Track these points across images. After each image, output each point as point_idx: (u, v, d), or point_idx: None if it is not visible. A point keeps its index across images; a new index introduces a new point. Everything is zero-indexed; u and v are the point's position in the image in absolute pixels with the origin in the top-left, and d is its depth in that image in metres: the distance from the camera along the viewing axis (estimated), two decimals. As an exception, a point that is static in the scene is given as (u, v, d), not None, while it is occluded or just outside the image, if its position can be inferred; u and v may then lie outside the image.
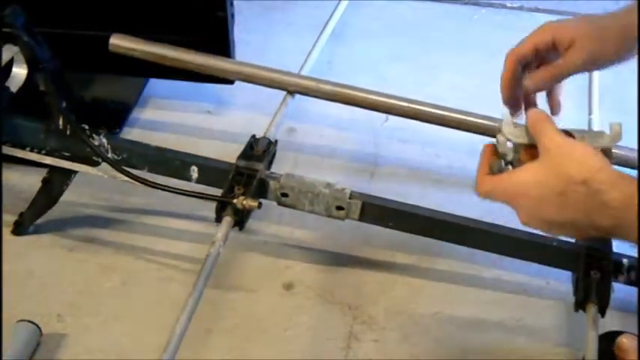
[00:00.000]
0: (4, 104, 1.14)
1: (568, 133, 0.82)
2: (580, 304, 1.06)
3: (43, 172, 1.22)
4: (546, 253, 1.12)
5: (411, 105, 1.31)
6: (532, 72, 0.92)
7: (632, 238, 0.75)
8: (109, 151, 1.18)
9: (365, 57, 1.72)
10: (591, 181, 0.74)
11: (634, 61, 0.94)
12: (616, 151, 1.25)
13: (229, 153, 1.21)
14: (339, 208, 1.12)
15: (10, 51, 1.13)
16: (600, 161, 0.76)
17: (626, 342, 0.97)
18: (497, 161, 0.83)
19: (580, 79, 1.55)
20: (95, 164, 1.18)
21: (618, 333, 1.00)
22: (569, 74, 0.91)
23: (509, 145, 0.83)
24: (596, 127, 1.37)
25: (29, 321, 1.05)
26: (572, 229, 0.79)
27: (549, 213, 0.77)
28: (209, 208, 1.11)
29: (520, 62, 0.92)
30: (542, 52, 0.91)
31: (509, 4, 1.92)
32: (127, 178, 1.14)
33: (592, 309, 1.04)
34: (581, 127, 0.87)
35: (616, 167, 1.29)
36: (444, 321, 1.15)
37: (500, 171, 0.83)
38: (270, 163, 1.19)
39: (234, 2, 1.39)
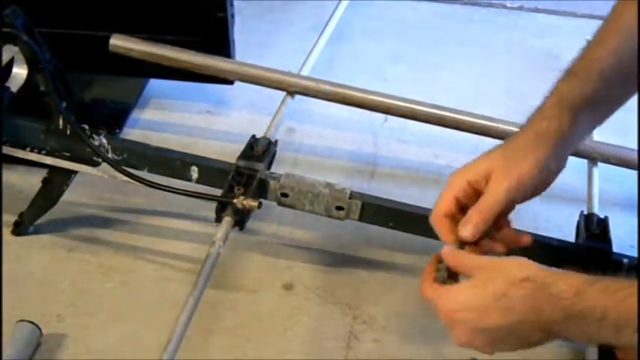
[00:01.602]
0: (4, 104, 1.14)
1: None
2: (580, 304, 1.05)
3: (43, 172, 1.22)
4: (546, 252, 1.12)
5: (410, 105, 1.31)
6: (463, 220, 0.84)
7: (579, 331, 0.72)
8: (109, 151, 1.18)
9: (365, 57, 1.72)
10: (535, 277, 0.73)
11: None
12: (616, 151, 1.27)
13: (229, 153, 1.21)
14: (339, 208, 1.12)
15: (10, 51, 1.13)
16: (530, 262, 0.75)
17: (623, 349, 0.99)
18: (441, 272, 0.82)
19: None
20: (95, 164, 1.18)
21: None
22: (500, 207, 0.82)
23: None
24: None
25: (29, 321, 1.05)
26: (516, 336, 0.75)
27: (492, 320, 0.74)
28: (209, 208, 1.11)
29: (447, 217, 0.85)
30: (465, 200, 0.84)
31: (509, 4, 1.93)
32: (127, 178, 1.14)
33: (592, 309, 1.04)
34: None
35: (616, 167, 1.30)
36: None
37: (444, 282, 0.82)
38: (270, 163, 1.19)
39: (234, 2, 1.39)
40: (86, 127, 1.18)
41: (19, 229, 1.24)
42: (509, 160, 0.83)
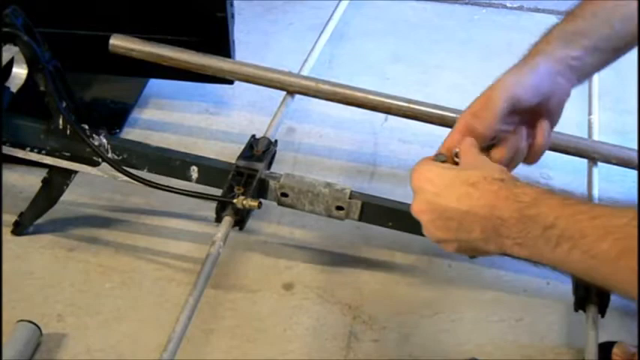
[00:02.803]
0: (4, 104, 1.14)
1: None
2: (580, 304, 1.06)
3: (43, 172, 1.22)
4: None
5: (410, 105, 1.31)
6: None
7: (521, 240, 0.74)
8: (109, 151, 1.18)
9: (365, 57, 1.72)
10: (509, 180, 0.77)
11: (634, 61, 0.94)
12: (616, 151, 1.27)
13: (229, 153, 1.21)
14: (339, 208, 1.12)
15: (10, 51, 1.13)
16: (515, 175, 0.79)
17: (618, 352, 1.00)
18: (439, 156, 0.86)
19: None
20: (95, 164, 1.18)
21: (613, 343, 1.02)
22: (500, 107, 0.87)
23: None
24: (596, 128, 1.38)
25: (29, 321, 1.05)
26: (461, 227, 0.78)
27: (449, 199, 0.78)
28: (209, 208, 1.12)
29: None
30: None
31: (509, 4, 1.93)
32: (127, 178, 1.14)
33: (592, 309, 1.04)
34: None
35: (616, 167, 1.30)
36: (444, 321, 1.15)
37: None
38: (270, 163, 1.19)
39: (234, 2, 1.39)
40: (86, 127, 1.18)
41: (19, 229, 1.24)
42: (503, 76, 0.88)
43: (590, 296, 1.04)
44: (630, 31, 0.90)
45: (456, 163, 0.84)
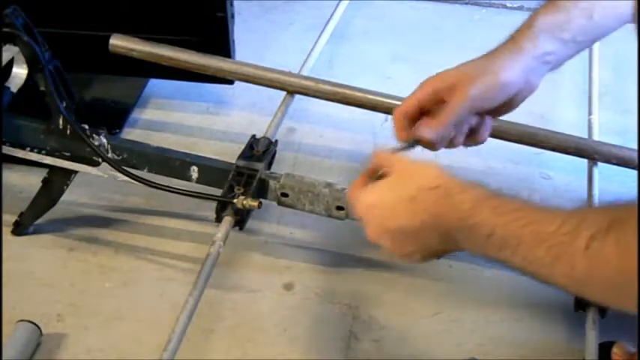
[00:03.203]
0: (4, 104, 1.14)
1: None
2: (580, 305, 1.06)
3: (43, 172, 1.22)
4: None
5: (411, 105, 1.31)
6: (420, 121, 0.92)
7: (470, 243, 0.77)
8: (109, 151, 1.18)
9: (365, 57, 1.72)
10: (444, 185, 0.78)
11: (634, 61, 0.94)
12: (616, 151, 1.27)
13: (229, 153, 1.21)
14: (339, 208, 1.12)
15: (10, 51, 1.13)
16: (448, 173, 0.80)
17: (618, 352, 1.00)
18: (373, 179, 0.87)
19: (580, 79, 1.57)
20: (95, 164, 1.18)
21: (613, 343, 1.02)
22: (457, 117, 0.90)
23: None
24: (596, 128, 1.38)
25: (29, 321, 1.05)
26: (419, 238, 0.80)
27: (399, 219, 0.80)
28: (209, 208, 1.12)
29: (406, 118, 0.93)
30: (428, 106, 0.92)
31: (509, 4, 1.93)
32: (127, 178, 1.15)
33: (592, 309, 1.04)
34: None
35: (616, 167, 1.30)
36: (444, 321, 1.15)
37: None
38: (270, 163, 1.19)
39: (234, 2, 1.39)
40: (86, 127, 1.18)
41: (19, 229, 1.24)
42: (479, 70, 0.89)
43: (590, 296, 1.04)
44: (609, 22, 0.90)
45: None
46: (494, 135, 1.26)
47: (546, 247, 0.70)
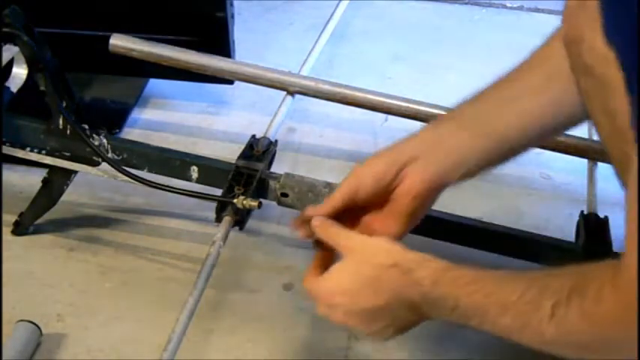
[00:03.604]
0: (4, 104, 1.14)
1: None
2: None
3: (43, 172, 1.22)
4: (545, 252, 1.12)
5: (410, 105, 1.31)
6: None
7: (438, 314, 0.78)
8: (109, 151, 1.18)
9: (365, 57, 1.72)
10: (401, 262, 0.78)
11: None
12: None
13: (229, 153, 1.21)
14: (339, 208, 1.12)
15: (10, 51, 1.13)
16: (403, 246, 0.80)
17: None
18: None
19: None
20: (95, 164, 1.18)
21: None
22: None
23: None
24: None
25: (29, 321, 1.05)
26: (388, 315, 0.80)
27: (366, 302, 0.80)
28: (209, 208, 1.11)
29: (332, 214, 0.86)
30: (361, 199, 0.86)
31: (509, 4, 1.93)
32: (127, 178, 1.14)
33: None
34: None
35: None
36: (444, 321, 1.14)
37: None
38: (270, 163, 1.19)
39: (234, 2, 1.39)
40: (86, 127, 1.18)
41: (19, 229, 1.23)
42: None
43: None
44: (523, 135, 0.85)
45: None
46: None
47: (512, 316, 0.71)
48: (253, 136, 1.21)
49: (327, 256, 0.86)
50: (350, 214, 0.87)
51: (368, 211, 0.87)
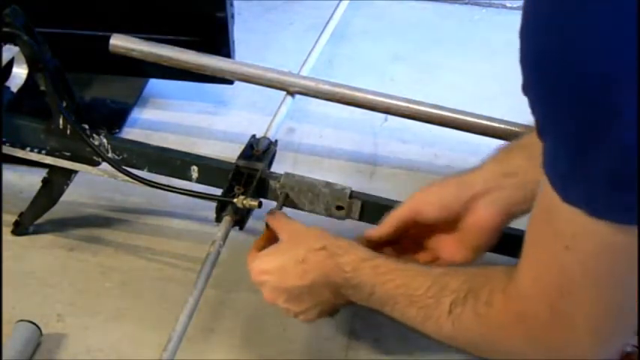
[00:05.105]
0: (4, 104, 1.14)
1: None
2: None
3: (43, 172, 1.22)
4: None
5: (410, 105, 1.31)
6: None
7: (358, 298, 0.86)
8: (109, 150, 1.18)
9: (365, 57, 1.72)
10: (329, 246, 0.86)
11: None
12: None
13: (229, 153, 1.21)
14: (339, 207, 1.12)
15: (10, 51, 1.13)
16: (331, 235, 0.89)
17: None
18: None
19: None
20: (95, 164, 1.18)
21: None
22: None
23: None
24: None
25: (29, 321, 1.05)
26: (312, 296, 0.88)
27: (292, 280, 0.88)
28: (209, 208, 1.11)
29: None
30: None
31: (509, 4, 1.93)
32: (127, 178, 1.14)
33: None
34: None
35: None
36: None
37: None
38: (271, 162, 1.19)
39: (234, 2, 1.39)
40: (86, 126, 1.18)
41: (19, 229, 1.24)
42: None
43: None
44: None
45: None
46: (494, 135, 1.27)
47: (417, 308, 0.79)
48: (253, 136, 1.21)
49: (271, 237, 0.96)
50: (410, 235, 0.94)
51: (429, 235, 0.93)
